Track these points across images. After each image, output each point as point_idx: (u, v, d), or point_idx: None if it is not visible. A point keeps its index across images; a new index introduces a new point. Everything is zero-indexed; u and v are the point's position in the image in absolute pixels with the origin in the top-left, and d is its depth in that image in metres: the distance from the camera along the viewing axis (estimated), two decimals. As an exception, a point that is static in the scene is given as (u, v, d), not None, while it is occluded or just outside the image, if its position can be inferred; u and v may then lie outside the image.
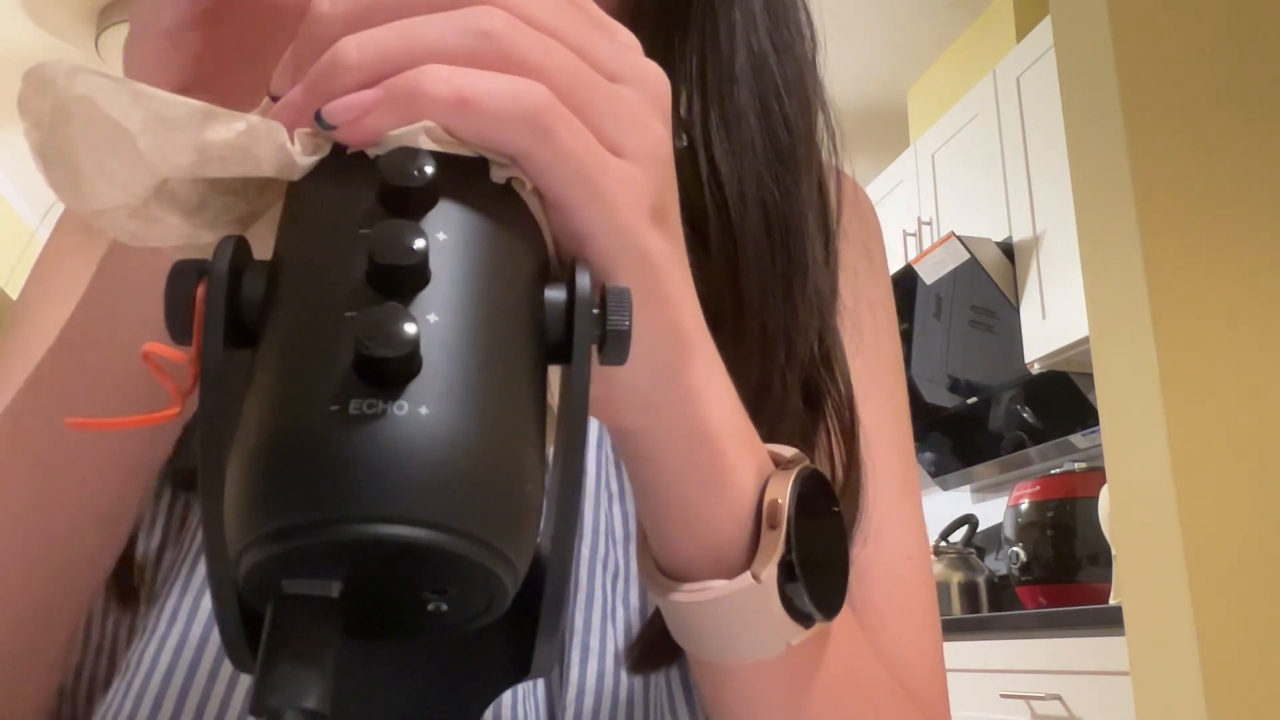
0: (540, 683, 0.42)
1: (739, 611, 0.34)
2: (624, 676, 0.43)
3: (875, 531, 0.46)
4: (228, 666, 0.40)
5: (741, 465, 0.34)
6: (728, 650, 0.35)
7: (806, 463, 0.36)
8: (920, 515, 0.53)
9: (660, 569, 0.36)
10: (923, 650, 0.49)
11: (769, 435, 0.37)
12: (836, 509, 0.37)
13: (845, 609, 0.37)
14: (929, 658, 0.50)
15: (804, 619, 0.35)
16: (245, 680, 0.40)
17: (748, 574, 0.33)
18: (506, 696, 0.41)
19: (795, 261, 0.47)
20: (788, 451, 0.36)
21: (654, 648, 0.42)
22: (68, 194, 0.24)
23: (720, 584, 0.33)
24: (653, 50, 0.49)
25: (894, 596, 0.48)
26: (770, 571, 0.33)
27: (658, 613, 0.42)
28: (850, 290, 0.51)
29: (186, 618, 0.41)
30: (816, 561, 0.34)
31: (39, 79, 0.23)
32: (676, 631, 0.36)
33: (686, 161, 0.47)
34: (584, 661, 0.42)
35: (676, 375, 0.31)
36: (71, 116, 0.23)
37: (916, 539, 0.51)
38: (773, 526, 0.34)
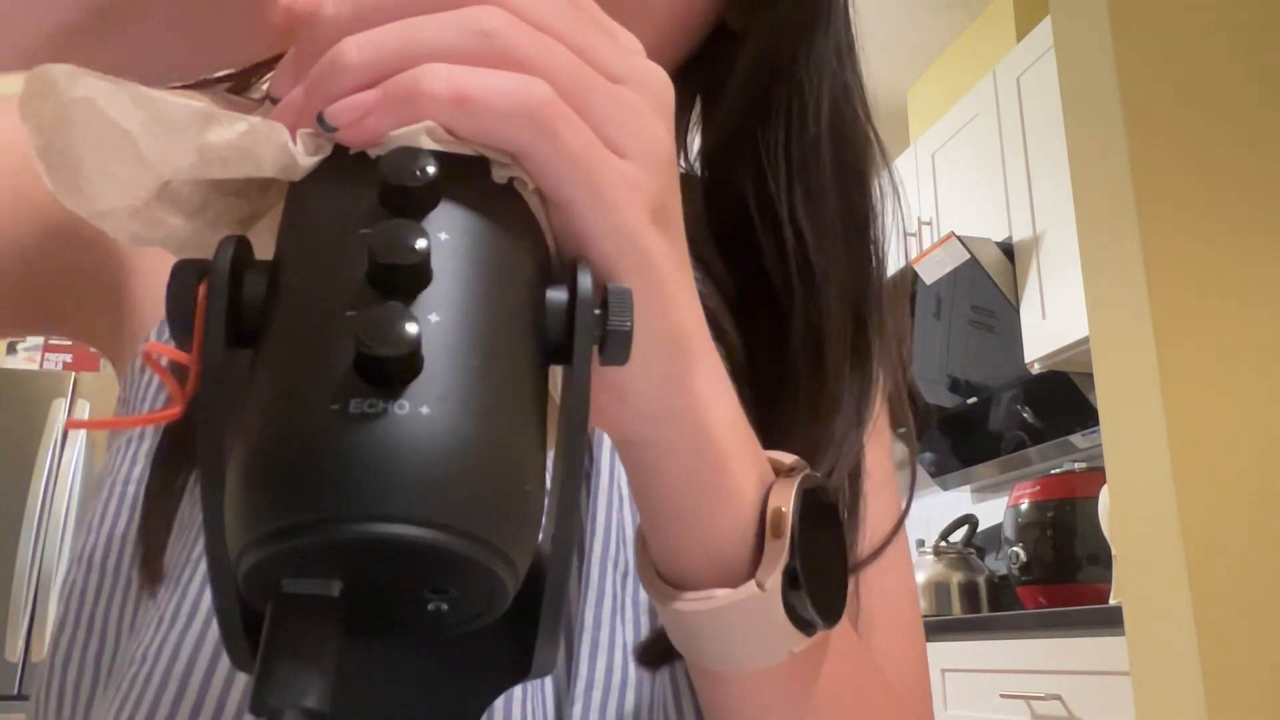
0: (549, 677, 0.42)
1: (743, 620, 0.34)
2: (632, 671, 0.43)
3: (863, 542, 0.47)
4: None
5: (744, 474, 0.34)
6: (730, 658, 0.35)
7: (807, 470, 0.36)
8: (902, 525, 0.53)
9: (661, 577, 0.35)
10: (908, 656, 0.50)
11: None
12: (837, 516, 0.37)
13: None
14: (914, 664, 0.50)
15: (806, 627, 0.34)
16: None
17: (752, 582, 0.33)
18: (517, 690, 0.41)
19: (861, 331, 0.49)
20: (788, 459, 0.36)
21: (668, 644, 0.43)
22: (70, 197, 0.24)
23: (724, 593, 0.33)
24: (736, 121, 0.51)
25: (880, 604, 0.49)
26: (775, 580, 0.33)
27: None
28: None
29: (203, 621, 0.41)
30: (819, 569, 0.34)
31: (40, 82, 0.23)
32: (678, 639, 0.36)
33: (770, 233, 0.50)
34: (593, 656, 0.43)
35: (682, 382, 0.31)
36: (72, 119, 0.23)
37: (900, 548, 0.52)
38: (776, 535, 0.33)
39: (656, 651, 0.43)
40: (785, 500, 0.34)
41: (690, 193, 0.32)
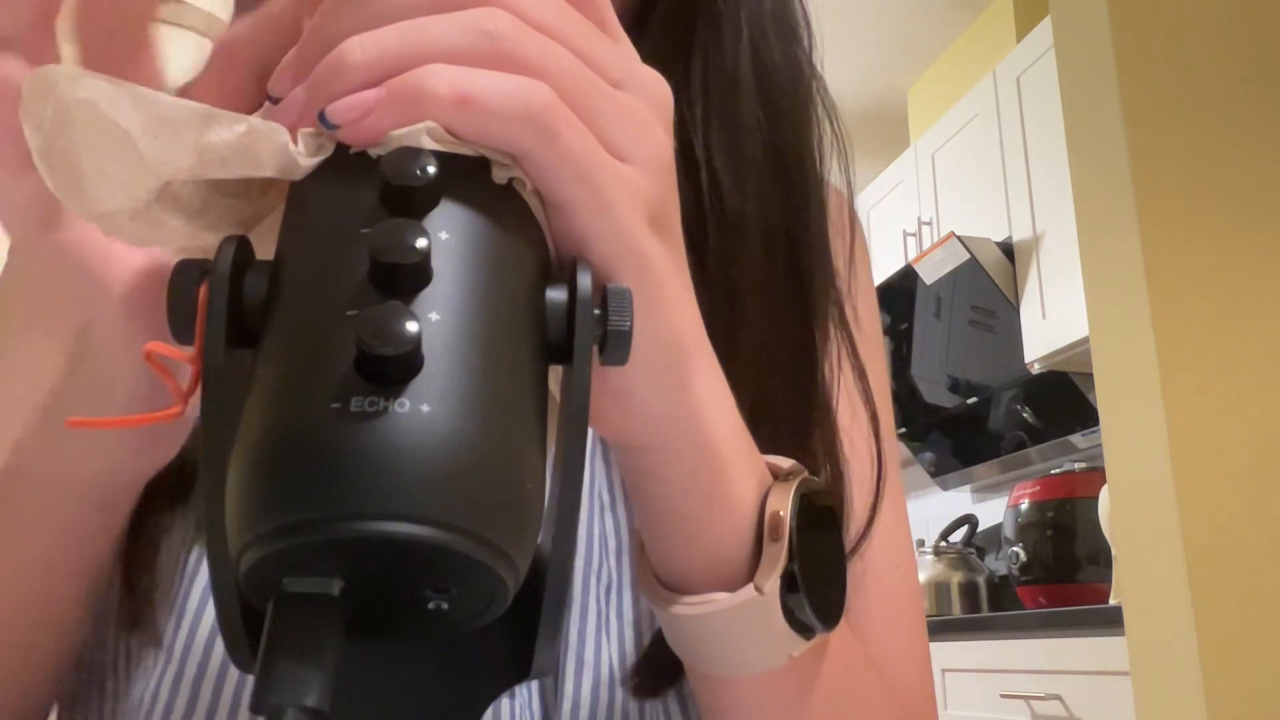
0: (536, 696, 0.42)
1: (742, 624, 0.34)
2: (619, 689, 0.43)
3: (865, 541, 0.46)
4: (227, 699, 0.40)
5: (743, 478, 0.34)
6: (729, 663, 0.35)
7: (805, 474, 0.36)
8: (905, 523, 0.52)
9: (660, 581, 0.35)
10: (910, 658, 0.49)
11: (765, 452, 0.37)
12: (835, 520, 0.37)
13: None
14: (917, 666, 0.50)
15: (805, 630, 0.34)
16: (246, 708, 0.39)
17: (750, 586, 0.33)
18: (505, 709, 0.41)
19: (794, 280, 0.47)
20: (785, 463, 0.36)
21: (655, 672, 0.42)
22: (71, 198, 0.24)
23: (723, 596, 0.33)
24: (656, 59, 0.49)
25: (882, 605, 0.48)
26: (773, 583, 0.33)
27: (656, 637, 0.42)
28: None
29: (182, 651, 0.41)
30: (816, 572, 0.34)
31: (40, 83, 0.24)
32: (676, 644, 0.36)
33: (688, 175, 0.46)
34: (579, 674, 0.42)
35: (682, 386, 0.31)
36: (73, 120, 0.23)
37: (903, 547, 0.51)
38: (775, 539, 0.33)
39: (650, 679, 0.43)
40: (783, 504, 0.34)
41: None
